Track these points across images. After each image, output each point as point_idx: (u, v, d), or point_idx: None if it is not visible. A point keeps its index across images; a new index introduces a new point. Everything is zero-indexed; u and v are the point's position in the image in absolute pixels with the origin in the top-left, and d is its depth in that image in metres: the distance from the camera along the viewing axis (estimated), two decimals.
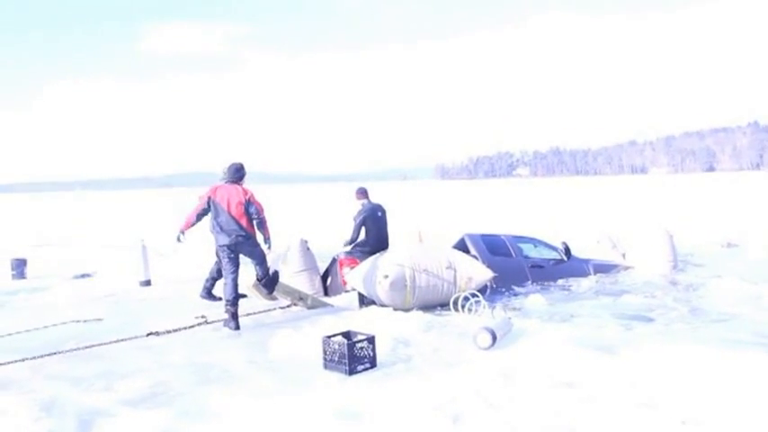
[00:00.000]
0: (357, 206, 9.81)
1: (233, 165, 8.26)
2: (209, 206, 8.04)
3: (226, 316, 7.86)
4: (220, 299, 8.99)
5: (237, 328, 7.79)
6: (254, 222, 8.02)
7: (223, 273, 8.16)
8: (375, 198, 10.08)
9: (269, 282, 8.44)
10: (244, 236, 7.95)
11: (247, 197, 7.99)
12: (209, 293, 9.71)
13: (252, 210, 7.97)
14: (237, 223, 7.91)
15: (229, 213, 7.90)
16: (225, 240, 7.94)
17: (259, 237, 8.20)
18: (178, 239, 8.44)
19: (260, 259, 8.24)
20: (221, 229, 7.94)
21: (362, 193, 9.93)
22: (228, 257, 8.01)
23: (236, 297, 7.94)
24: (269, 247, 8.28)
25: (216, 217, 7.98)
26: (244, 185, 8.19)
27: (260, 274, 8.33)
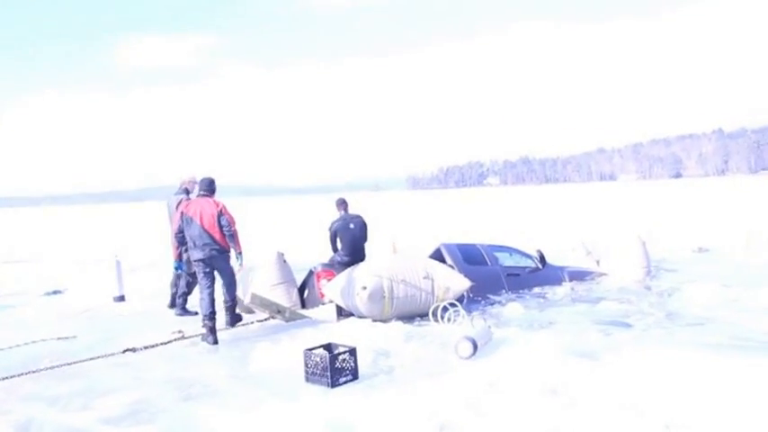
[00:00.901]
0: (336, 217, 9.96)
1: (205, 179, 8.33)
2: (182, 222, 8.07)
3: (203, 330, 7.79)
4: (196, 313, 9.02)
5: (215, 342, 7.73)
6: (226, 235, 7.99)
7: (199, 288, 8.14)
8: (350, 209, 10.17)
9: (232, 312, 8.47)
10: (218, 249, 7.97)
11: (219, 209, 8.00)
12: (184, 309, 9.69)
13: (223, 222, 7.96)
14: (210, 237, 7.92)
15: (202, 227, 7.92)
16: (199, 255, 7.94)
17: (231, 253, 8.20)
18: (178, 269, 8.93)
19: (229, 280, 8.28)
20: (195, 244, 7.96)
21: (338, 204, 10.10)
22: (204, 272, 7.99)
23: (213, 312, 7.86)
24: (240, 263, 8.27)
25: (189, 231, 7.99)
26: (215, 199, 8.23)
27: (227, 298, 8.35)
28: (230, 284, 8.29)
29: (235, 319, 8.59)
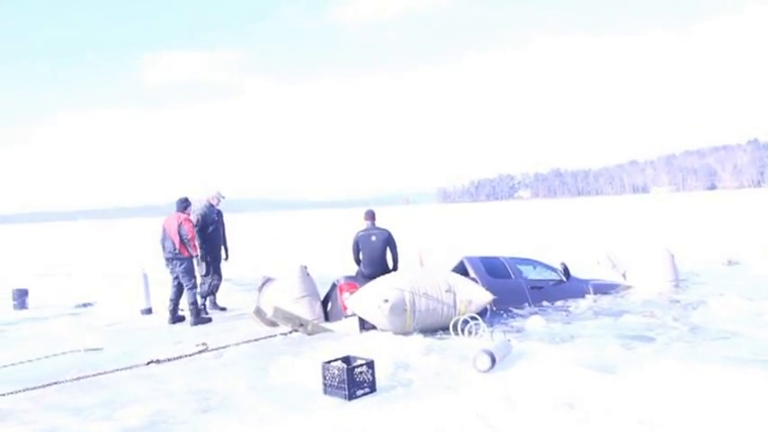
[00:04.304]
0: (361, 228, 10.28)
1: (178, 198, 10.55)
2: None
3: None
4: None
5: (173, 322, 10.23)
6: (184, 241, 10.15)
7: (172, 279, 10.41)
8: (379, 222, 10.27)
9: (195, 313, 10.13)
10: (176, 254, 10.21)
11: (179, 221, 10.24)
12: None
13: (182, 231, 10.19)
14: (172, 243, 10.20)
15: (168, 236, 10.26)
16: (166, 256, 10.36)
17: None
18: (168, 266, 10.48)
19: (187, 283, 10.18)
20: (164, 248, 10.37)
21: (366, 215, 10.40)
22: (171, 270, 10.36)
23: (178, 298, 10.29)
24: (197, 262, 10.60)
25: (163, 240, 10.37)
26: (187, 212, 10.47)
27: (188, 300, 10.13)
28: (189, 288, 10.16)
29: (198, 320, 10.12)
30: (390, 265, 10.13)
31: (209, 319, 10.38)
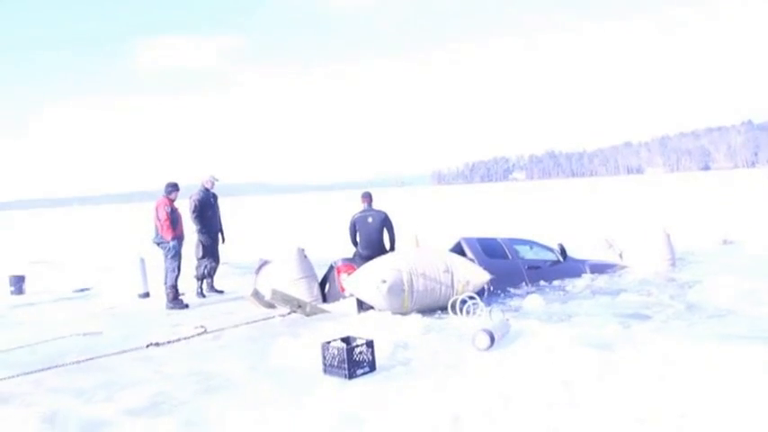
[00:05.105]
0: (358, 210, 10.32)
1: (166, 183, 10.69)
2: None
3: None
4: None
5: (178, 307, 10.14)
6: (161, 225, 10.23)
7: None
8: (376, 204, 10.30)
9: (172, 297, 10.21)
10: (158, 238, 10.38)
11: (157, 205, 10.43)
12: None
13: (158, 214, 10.32)
14: (156, 227, 10.40)
15: (153, 220, 10.45)
16: (153, 240, 10.52)
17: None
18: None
19: (170, 267, 10.29)
20: None
21: (363, 197, 10.44)
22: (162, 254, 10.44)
23: (166, 282, 10.25)
24: (170, 247, 10.26)
25: None
26: (170, 197, 10.52)
27: (169, 281, 10.25)
28: (170, 271, 10.27)
29: (174, 304, 10.15)
30: (387, 246, 10.15)
31: (186, 305, 10.23)
